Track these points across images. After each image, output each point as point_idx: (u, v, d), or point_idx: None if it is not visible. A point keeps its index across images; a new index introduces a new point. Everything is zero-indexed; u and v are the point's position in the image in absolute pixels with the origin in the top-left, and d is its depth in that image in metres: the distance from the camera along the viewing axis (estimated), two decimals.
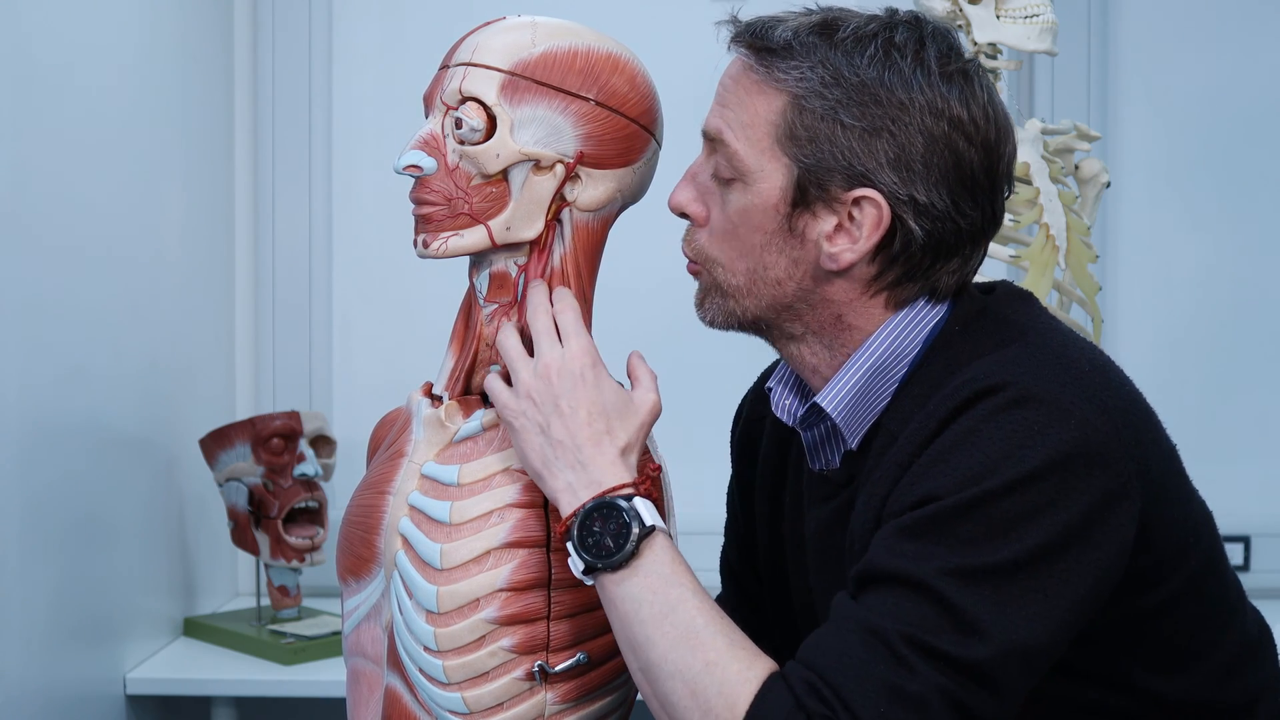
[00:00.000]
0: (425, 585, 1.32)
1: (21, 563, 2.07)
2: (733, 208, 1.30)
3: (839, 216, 1.27)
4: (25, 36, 2.08)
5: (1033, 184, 2.16)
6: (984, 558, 1.16)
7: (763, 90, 1.28)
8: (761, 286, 1.31)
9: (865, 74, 1.25)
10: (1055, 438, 1.18)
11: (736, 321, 1.35)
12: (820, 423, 1.36)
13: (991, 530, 1.16)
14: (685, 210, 1.35)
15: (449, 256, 1.35)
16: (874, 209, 1.26)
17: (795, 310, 1.32)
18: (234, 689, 2.50)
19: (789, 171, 1.27)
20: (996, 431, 1.19)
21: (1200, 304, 2.97)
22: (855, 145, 1.25)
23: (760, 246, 1.30)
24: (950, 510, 1.17)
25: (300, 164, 3.00)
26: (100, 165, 2.34)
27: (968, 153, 1.26)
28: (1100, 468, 1.19)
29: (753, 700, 1.16)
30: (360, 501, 1.43)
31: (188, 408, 2.71)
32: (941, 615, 1.15)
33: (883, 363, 1.31)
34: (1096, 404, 1.21)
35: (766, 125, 1.28)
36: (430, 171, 1.34)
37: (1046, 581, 1.17)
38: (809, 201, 1.28)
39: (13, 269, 2.04)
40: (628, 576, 1.23)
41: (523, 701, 1.33)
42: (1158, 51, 2.99)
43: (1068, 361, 1.25)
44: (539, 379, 1.28)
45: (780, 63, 1.27)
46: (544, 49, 1.34)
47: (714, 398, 2.95)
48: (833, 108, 1.25)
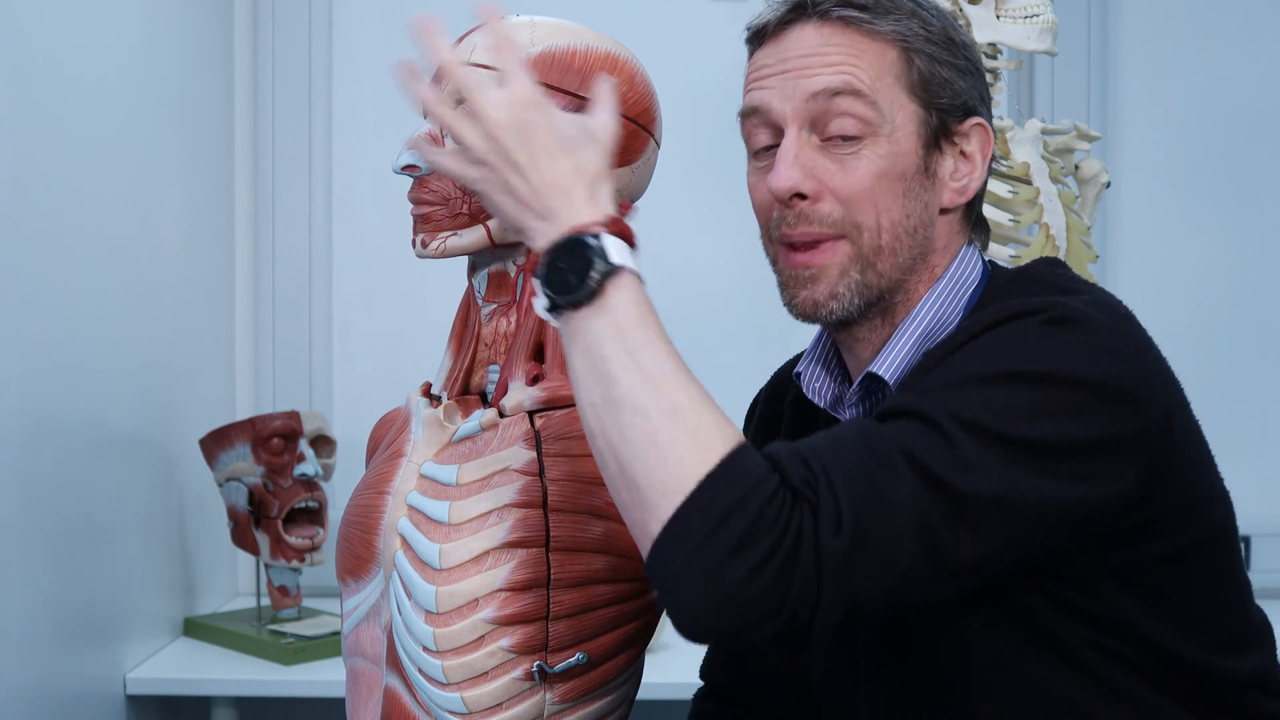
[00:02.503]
0: (424, 585, 1.32)
1: (21, 563, 2.07)
2: (873, 161, 1.31)
3: (954, 151, 1.36)
4: (25, 35, 2.08)
5: (1033, 184, 2.16)
6: (994, 423, 1.16)
7: (875, 41, 1.32)
8: (904, 239, 1.33)
9: (939, 23, 1.35)
10: (1089, 359, 1.19)
11: (866, 298, 1.33)
12: (870, 395, 1.37)
13: (1006, 407, 1.17)
14: (801, 189, 1.32)
15: (447, 256, 1.35)
16: (983, 134, 1.36)
17: (914, 266, 1.34)
18: (234, 689, 2.50)
19: (921, 115, 1.33)
20: (1032, 339, 1.21)
21: (1200, 304, 2.97)
22: (959, 82, 1.34)
23: (903, 194, 1.33)
24: (974, 379, 1.19)
25: (300, 164, 3.00)
26: (100, 165, 2.34)
27: (985, 79, 1.40)
28: (1123, 407, 1.20)
29: (730, 451, 1.11)
30: (359, 501, 1.43)
31: (188, 408, 2.72)
32: (945, 447, 1.14)
33: (929, 328, 1.35)
34: (1134, 343, 1.25)
35: (892, 75, 1.32)
36: (428, 171, 1.34)
37: (1038, 474, 1.16)
38: (939, 141, 1.34)
39: (13, 269, 2.04)
40: (591, 315, 1.14)
41: (522, 701, 1.32)
42: (1158, 51, 2.99)
43: (1110, 305, 1.28)
44: (487, 138, 1.18)
45: (882, 16, 1.33)
46: (542, 48, 1.34)
47: (717, 398, 2.95)
48: (937, 51, 1.34)
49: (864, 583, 1.11)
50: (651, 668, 1.46)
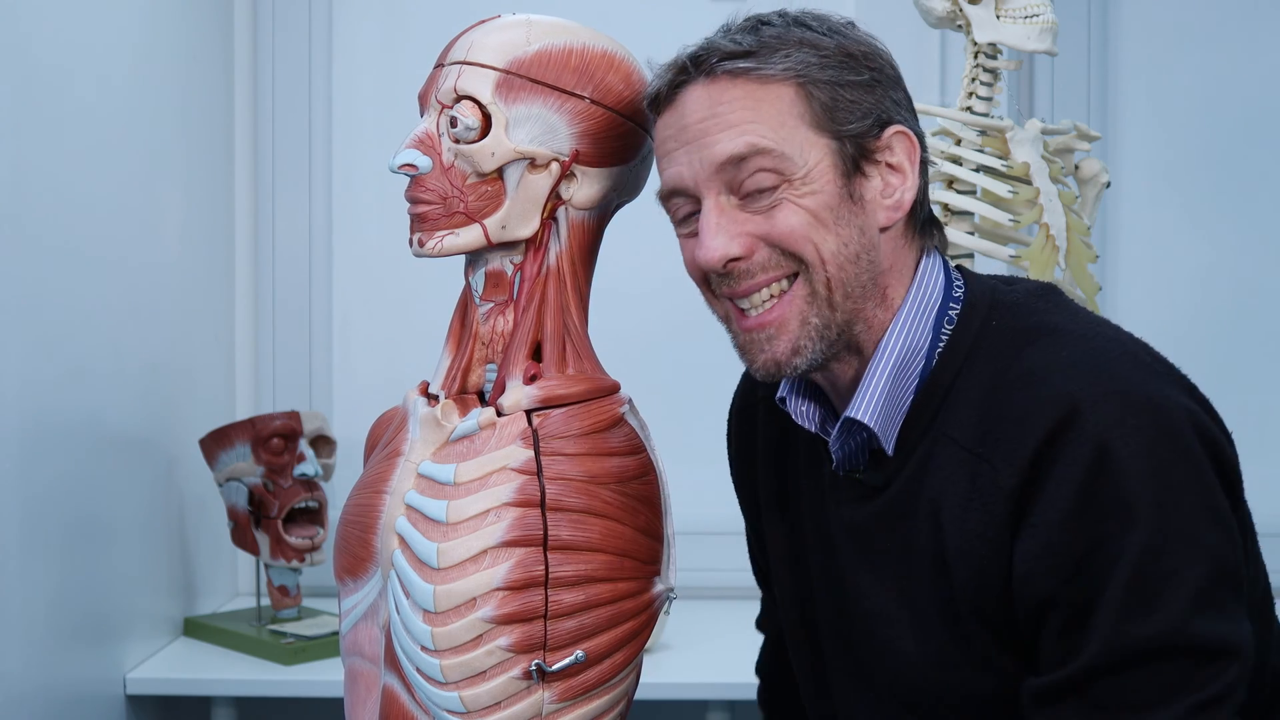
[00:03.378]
0: (422, 584, 1.32)
1: (21, 563, 2.07)
2: (796, 209, 1.30)
3: (879, 168, 1.32)
4: (25, 36, 2.08)
5: (1033, 184, 2.16)
6: (1195, 583, 1.19)
7: (769, 86, 1.29)
8: (848, 268, 1.31)
9: (830, 41, 1.31)
10: (1160, 432, 1.22)
11: (827, 341, 1.32)
12: (856, 434, 1.37)
13: (1180, 554, 1.20)
14: (732, 254, 1.31)
15: (445, 255, 1.35)
16: (906, 141, 1.33)
17: (865, 293, 1.32)
18: (234, 689, 2.50)
19: (833, 147, 1.30)
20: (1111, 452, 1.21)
21: (1200, 304, 2.97)
22: (867, 96, 1.31)
23: (834, 227, 1.30)
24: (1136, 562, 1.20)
25: (300, 164, 3.00)
26: (100, 165, 2.34)
27: (902, 82, 1.37)
28: (1208, 437, 1.24)
29: None
30: (357, 501, 1.43)
31: (188, 408, 2.72)
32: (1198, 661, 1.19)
33: (902, 359, 1.33)
34: (1173, 385, 1.28)
35: (794, 116, 1.29)
36: (425, 170, 1.34)
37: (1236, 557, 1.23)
38: (859, 165, 1.31)
39: (13, 269, 2.04)
40: None
41: (520, 700, 1.32)
42: (1158, 51, 2.99)
43: (1129, 354, 1.29)
44: None
45: (768, 59, 1.29)
46: (539, 47, 1.34)
47: (714, 398, 2.95)
48: (836, 74, 1.30)
49: None
50: (650, 667, 1.46)
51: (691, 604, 2.19)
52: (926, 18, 2.20)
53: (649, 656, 1.44)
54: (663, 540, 1.39)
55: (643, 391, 1.47)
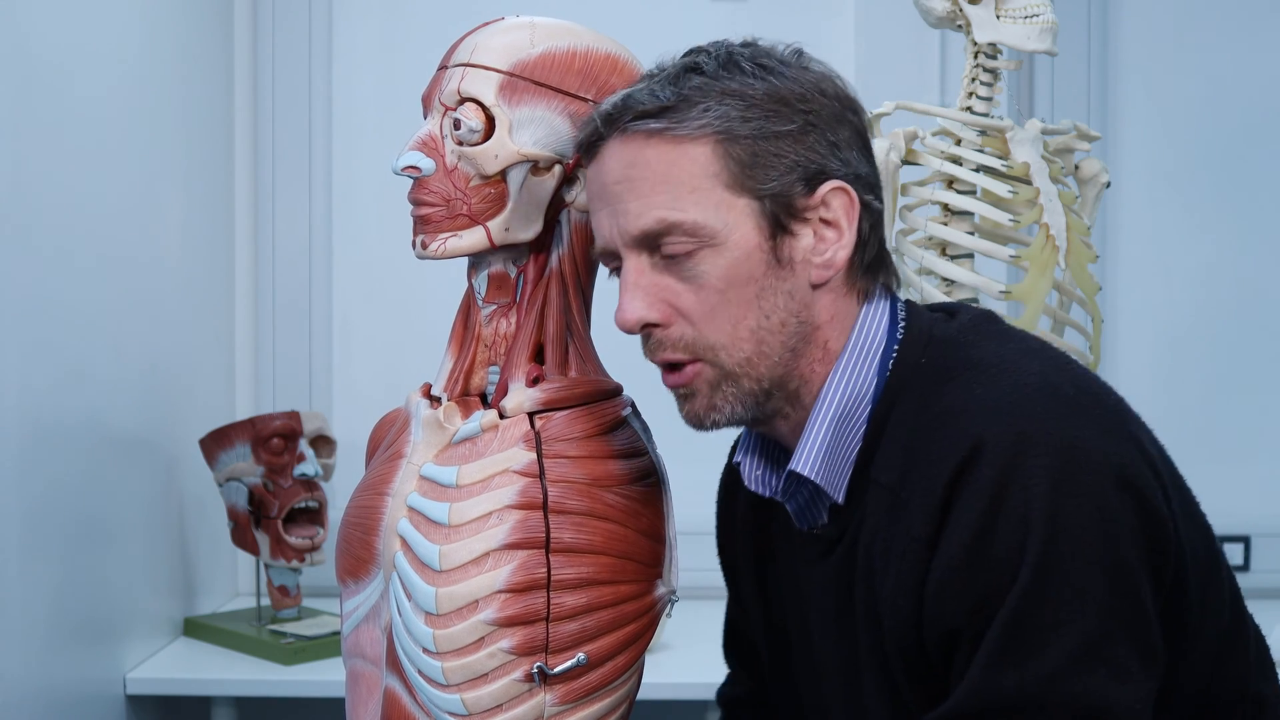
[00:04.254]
0: (424, 587, 1.31)
1: (21, 563, 2.07)
2: (712, 275, 1.24)
3: (812, 224, 1.26)
4: (25, 37, 2.08)
5: (1033, 184, 2.15)
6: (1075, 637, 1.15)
7: (683, 147, 1.23)
8: (769, 339, 1.26)
9: (760, 86, 1.24)
10: (1064, 475, 1.16)
11: (754, 401, 1.28)
12: (803, 488, 1.33)
13: (1063, 605, 1.15)
14: (647, 319, 1.26)
15: (448, 257, 1.35)
16: (843, 196, 1.26)
17: (796, 355, 1.27)
18: (234, 689, 2.50)
19: (754, 206, 1.24)
20: (1007, 496, 1.16)
21: (1200, 304, 2.97)
22: (797, 148, 1.24)
23: (756, 296, 1.25)
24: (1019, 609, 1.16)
25: (300, 164, 3.00)
26: (100, 166, 2.34)
27: (856, 120, 1.29)
28: (1121, 483, 1.17)
29: None
30: (359, 503, 1.43)
31: (188, 408, 2.71)
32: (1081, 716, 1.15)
33: (844, 406, 1.29)
34: (1092, 425, 1.20)
35: (708, 178, 1.23)
36: (429, 172, 1.34)
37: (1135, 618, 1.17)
38: (784, 224, 1.25)
39: (13, 269, 2.04)
40: None
41: (522, 703, 1.32)
42: (1158, 51, 2.99)
43: (1049, 388, 1.22)
44: None
45: (686, 114, 1.23)
46: (542, 49, 1.34)
47: None
48: (761, 125, 1.23)
49: None
50: (651, 668, 1.46)
51: (693, 605, 2.19)
52: (926, 18, 2.20)
53: (650, 658, 1.44)
54: (665, 542, 1.39)
55: (645, 394, 1.47)
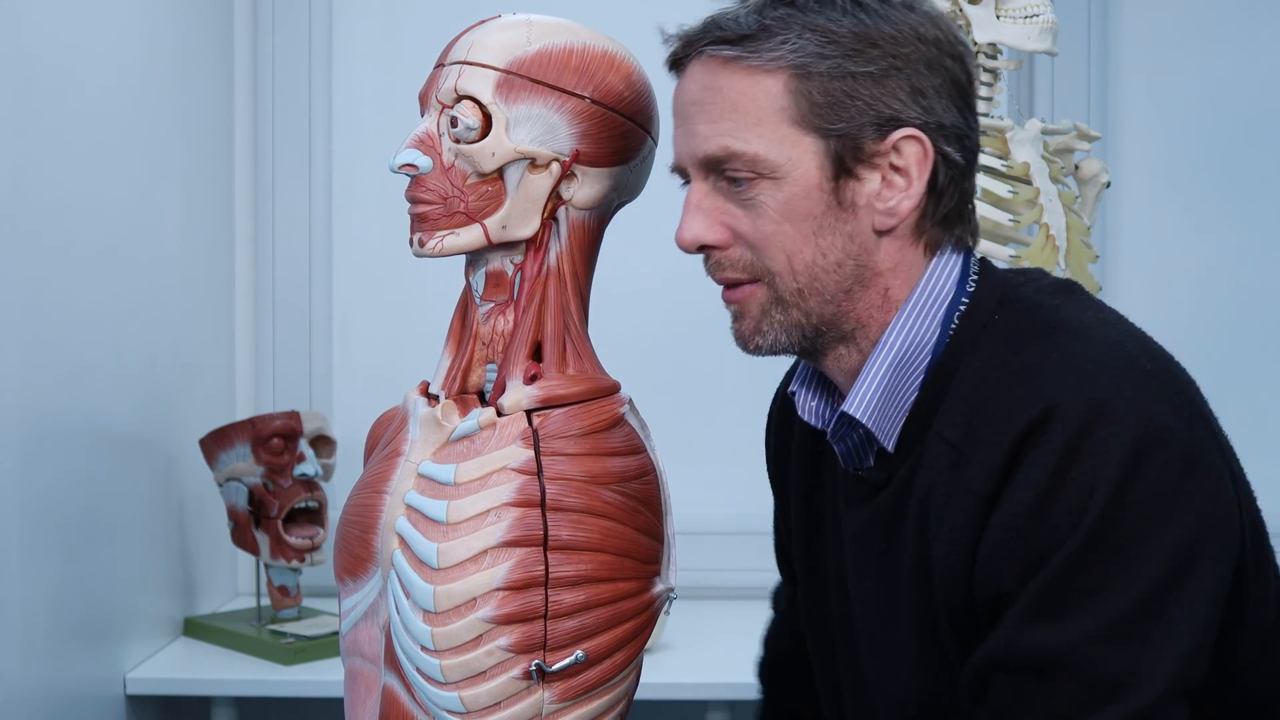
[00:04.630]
0: (422, 584, 1.31)
1: (21, 563, 2.07)
2: (770, 208, 1.25)
3: (881, 170, 1.25)
4: (25, 37, 2.08)
5: (1033, 184, 2.16)
6: (1112, 607, 1.13)
7: (755, 77, 1.24)
8: (823, 277, 1.26)
9: (848, 23, 1.23)
10: (1136, 448, 1.15)
11: (800, 333, 1.28)
12: (854, 431, 1.33)
13: (1109, 574, 1.13)
14: (704, 240, 1.28)
15: (445, 255, 1.35)
16: (916, 145, 1.24)
17: (852, 297, 1.28)
18: (234, 689, 2.50)
19: (819, 146, 1.24)
20: (1076, 462, 1.15)
21: (1200, 304, 2.97)
22: (874, 91, 1.23)
23: (814, 233, 1.25)
24: (1064, 567, 1.14)
25: (300, 164, 3.00)
26: (100, 165, 2.34)
27: (954, 68, 1.27)
28: (1190, 464, 1.16)
29: None
30: (357, 501, 1.43)
31: (188, 408, 2.72)
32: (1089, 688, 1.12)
33: (904, 354, 1.29)
34: (1168, 400, 1.19)
35: (775, 111, 1.23)
36: (426, 170, 1.34)
37: (1182, 604, 1.14)
38: (850, 167, 1.24)
39: (13, 268, 2.04)
40: None
41: (520, 700, 1.32)
42: (1158, 51, 2.99)
43: (1126, 358, 1.22)
44: None
45: (764, 43, 1.23)
46: (539, 47, 1.34)
47: (714, 398, 2.95)
48: (839, 64, 1.22)
49: None
50: (650, 667, 1.46)
51: (692, 604, 2.19)
52: None
53: (649, 656, 1.44)
54: (663, 540, 1.39)
55: (643, 391, 1.47)
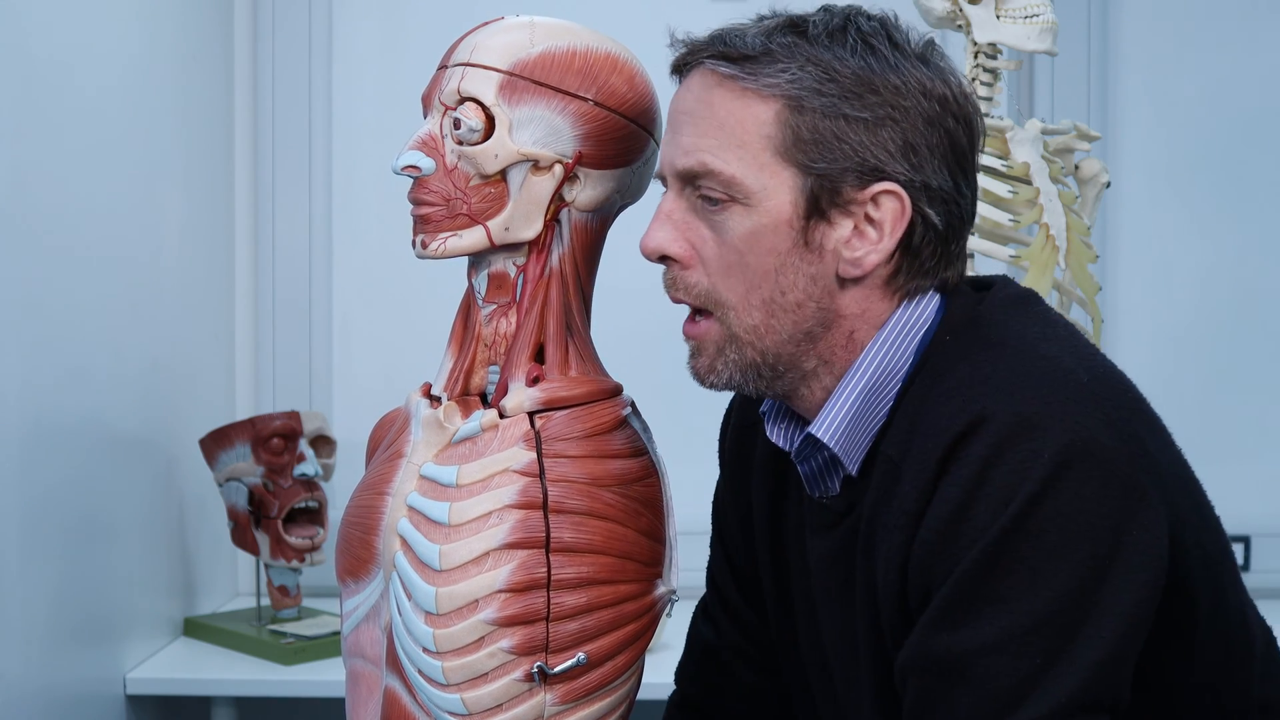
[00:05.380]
0: (424, 586, 1.32)
1: (21, 563, 2.07)
2: (736, 233, 1.22)
3: (855, 219, 1.22)
4: (25, 36, 2.08)
5: (1033, 184, 2.16)
6: (1013, 618, 1.11)
7: (748, 100, 1.21)
8: (781, 316, 1.23)
9: (853, 64, 1.20)
10: (1057, 462, 1.12)
11: (754, 371, 1.25)
12: (818, 453, 1.30)
13: (1014, 585, 1.12)
14: (666, 251, 1.25)
15: (447, 257, 1.35)
16: (894, 202, 1.21)
17: (812, 337, 1.25)
18: (234, 689, 2.50)
19: (797, 181, 1.21)
20: (995, 474, 1.13)
21: (1200, 304, 2.97)
22: (864, 139, 1.20)
23: (775, 270, 1.22)
24: (970, 575, 1.13)
25: (300, 164, 3.00)
26: (100, 165, 2.34)
27: (956, 130, 1.23)
28: (1114, 481, 1.13)
29: None
30: (359, 502, 1.43)
31: (188, 408, 2.71)
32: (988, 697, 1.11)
33: (876, 380, 1.25)
34: (1099, 416, 1.16)
35: (761, 138, 1.21)
36: (429, 172, 1.34)
37: (1090, 620, 1.12)
38: (823, 209, 1.21)
39: (13, 269, 2.04)
40: None
41: (522, 703, 1.32)
42: (1158, 51, 2.99)
43: (1061, 372, 1.18)
44: None
45: (764, 68, 1.20)
46: (542, 49, 1.34)
47: (717, 401, 2.95)
48: (834, 103, 1.19)
49: None
50: (651, 668, 1.46)
51: (693, 605, 2.19)
52: (926, 18, 2.20)
53: (651, 658, 1.44)
54: (665, 542, 1.39)
55: (645, 393, 1.47)
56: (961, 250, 1.28)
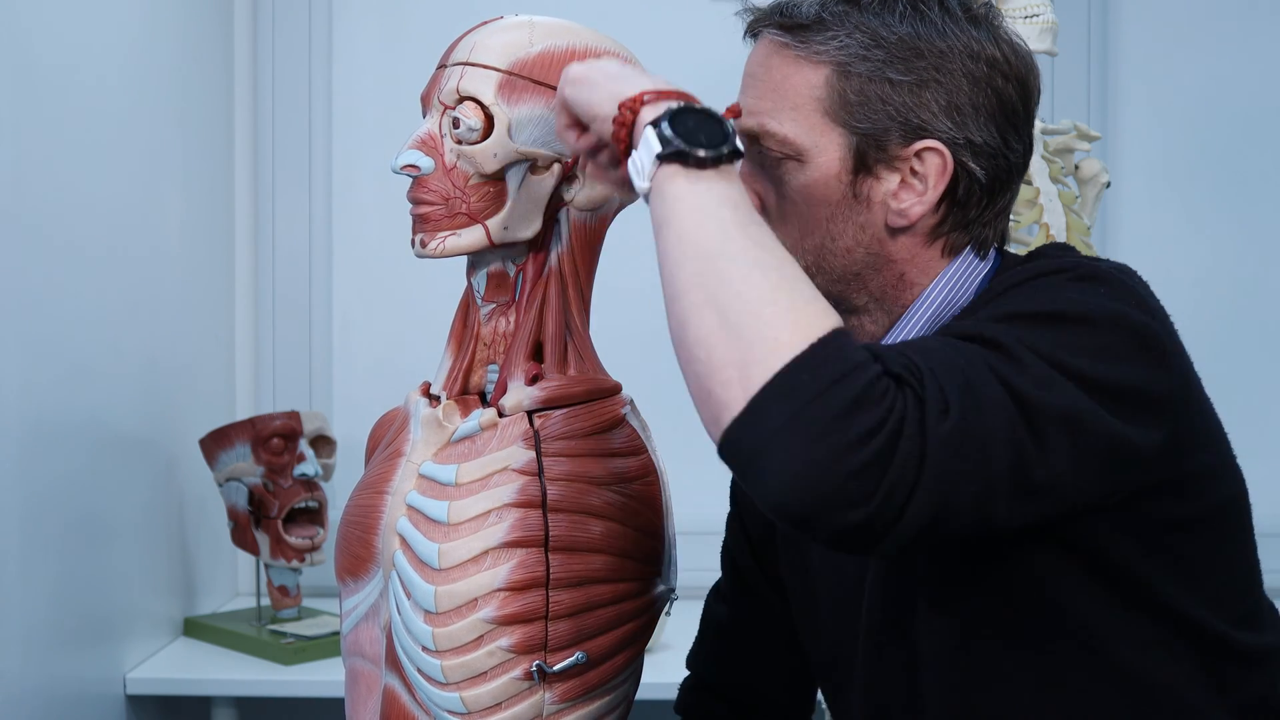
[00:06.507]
0: (423, 585, 1.32)
1: (21, 563, 2.07)
2: (792, 187, 1.31)
3: (901, 173, 1.30)
4: (25, 35, 2.08)
5: (1033, 184, 2.16)
6: (1051, 353, 1.14)
7: (801, 66, 1.30)
8: (830, 259, 1.32)
9: (901, 30, 1.28)
10: (1125, 308, 1.20)
11: None
12: None
13: (1059, 343, 1.15)
14: None
15: (446, 256, 1.35)
16: (937, 157, 1.29)
17: (862, 278, 1.33)
18: (234, 689, 2.50)
19: (845, 140, 1.29)
20: (1066, 289, 1.22)
21: (1200, 304, 2.97)
22: (907, 100, 1.28)
23: (826, 219, 1.31)
24: (1023, 317, 1.18)
25: (300, 164, 3.00)
26: (100, 165, 2.34)
27: (1005, 89, 1.31)
28: (1158, 361, 1.20)
29: (839, 327, 1.07)
30: (358, 501, 1.43)
31: (188, 408, 2.72)
32: (1016, 365, 1.13)
33: (939, 312, 1.33)
34: (1157, 307, 1.26)
35: (812, 100, 1.29)
36: (428, 171, 1.34)
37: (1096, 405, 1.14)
38: (870, 165, 1.29)
39: (13, 268, 2.04)
40: (718, 177, 1.11)
41: (521, 701, 1.32)
42: (1158, 51, 2.99)
43: (1130, 272, 1.28)
44: None
45: (816, 36, 1.29)
46: (541, 48, 1.34)
47: None
48: (879, 68, 1.28)
49: (958, 481, 1.07)
50: (651, 667, 1.46)
51: (693, 604, 2.19)
52: None
53: (650, 657, 1.44)
54: (664, 541, 1.39)
55: (644, 392, 1.47)
56: (1009, 203, 1.36)
